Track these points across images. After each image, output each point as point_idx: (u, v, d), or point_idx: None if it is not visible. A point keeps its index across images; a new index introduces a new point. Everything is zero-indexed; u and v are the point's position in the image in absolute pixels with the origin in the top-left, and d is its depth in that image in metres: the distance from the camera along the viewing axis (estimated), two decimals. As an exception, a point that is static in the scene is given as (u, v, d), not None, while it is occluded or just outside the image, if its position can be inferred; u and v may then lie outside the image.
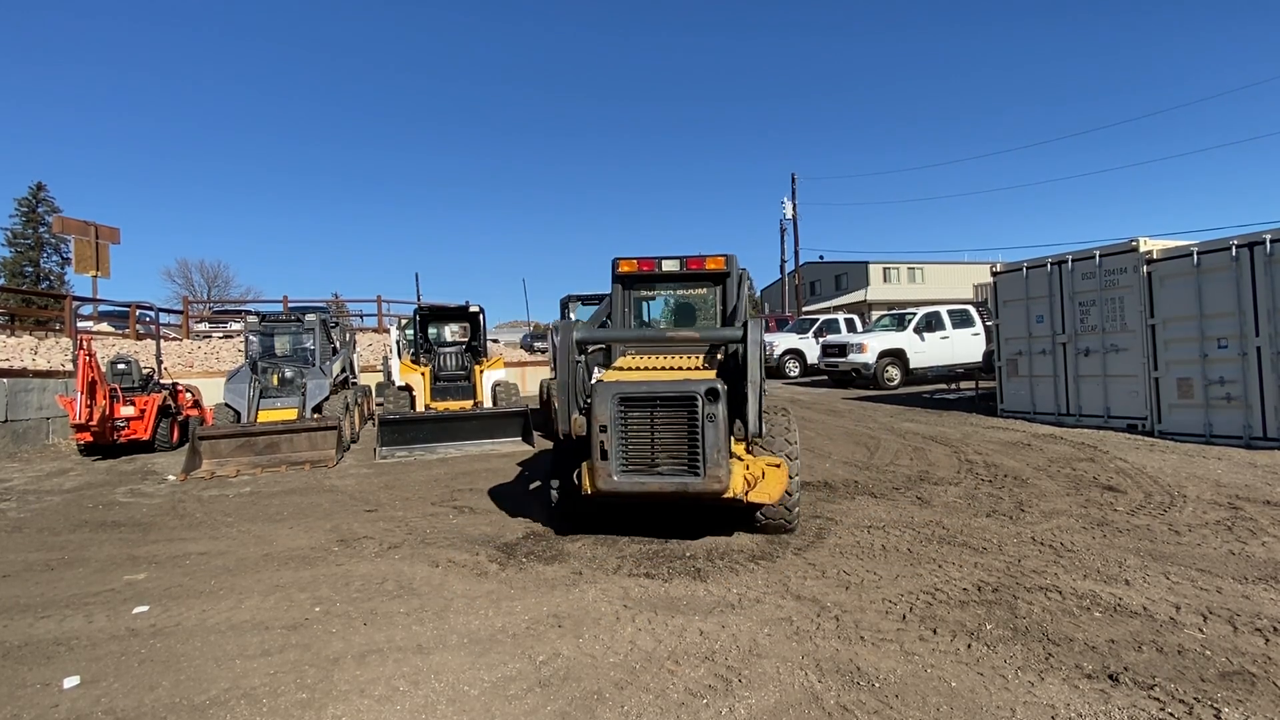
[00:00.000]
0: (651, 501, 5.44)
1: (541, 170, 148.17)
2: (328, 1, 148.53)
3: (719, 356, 6.01)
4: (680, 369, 5.63)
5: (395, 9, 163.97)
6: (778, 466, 5.12)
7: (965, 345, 16.91)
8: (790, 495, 5.31)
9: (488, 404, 12.41)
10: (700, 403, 4.83)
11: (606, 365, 6.29)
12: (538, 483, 7.89)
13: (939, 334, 17.16)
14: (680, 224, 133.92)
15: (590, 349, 6.35)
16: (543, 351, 25.09)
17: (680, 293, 6.87)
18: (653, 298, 7.00)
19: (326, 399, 11.46)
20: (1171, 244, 9.65)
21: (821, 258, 46.13)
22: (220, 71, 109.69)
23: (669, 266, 6.33)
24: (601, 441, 4.90)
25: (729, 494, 4.84)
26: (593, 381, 5.36)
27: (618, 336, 6.29)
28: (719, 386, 4.89)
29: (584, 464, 5.08)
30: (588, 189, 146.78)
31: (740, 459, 5.06)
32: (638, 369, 5.66)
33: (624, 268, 6.36)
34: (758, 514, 5.40)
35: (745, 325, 5.33)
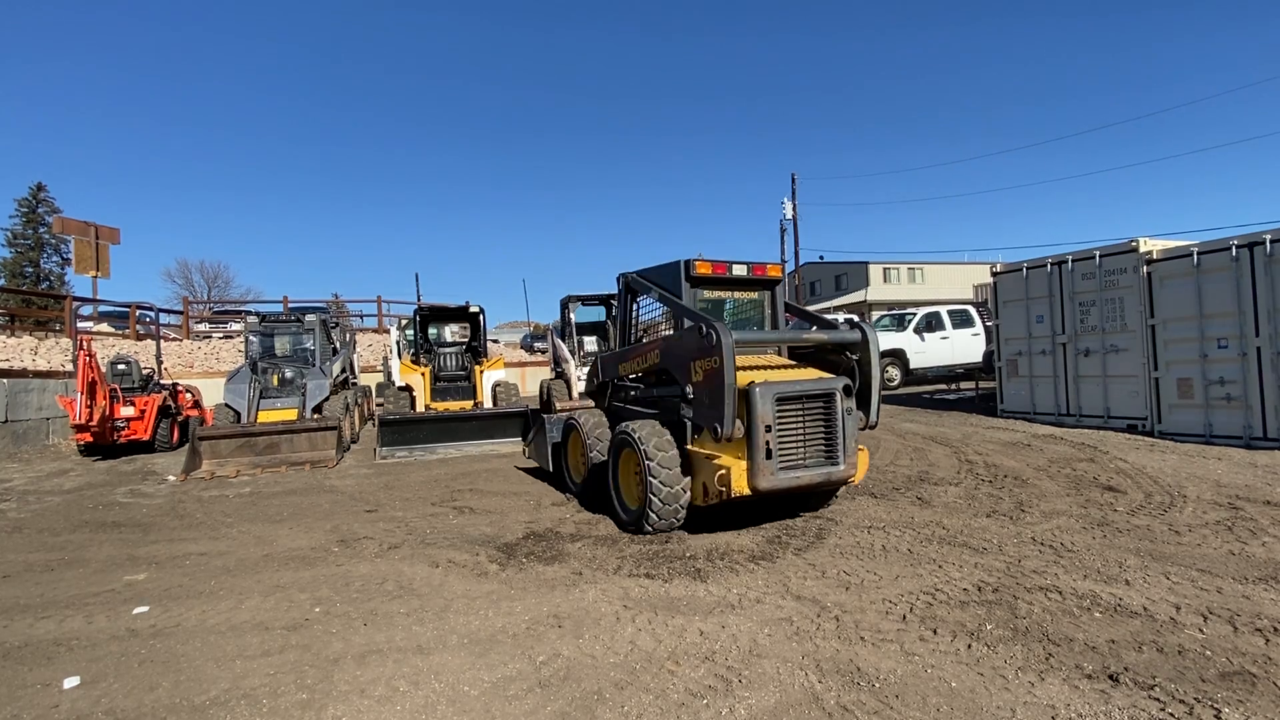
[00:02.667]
0: (793, 494, 5.57)
1: (541, 170, 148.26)
2: (328, 2, 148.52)
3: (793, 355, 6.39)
4: (782, 367, 5.88)
5: (395, 9, 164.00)
6: (862, 450, 5.67)
7: (965, 345, 16.89)
8: None
9: (488, 404, 12.43)
10: (839, 398, 5.27)
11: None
12: (539, 484, 7.90)
13: (939, 334, 17.14)
14: (680, 224, 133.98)
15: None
16: (543, 352, 25.07)
17: (716, 295, 6.76)
18: (719, 299, 6.84)
19: (326, 399, 11.47)
20: (1171, 244, 9.64)
21: (821, 258, 46.09)
22: (220, 72, 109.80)
23: (739, 271, 6.48)
24: (767, 441, 5.02)
25: (854, 478, 5.44)
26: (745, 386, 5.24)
27: (764, 338, 6.33)
28: (850, 383, 5.39)
29: (735, 464, 5.09)
30: (587, 189, 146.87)
31: None
32: (755, 368, 5.70)
33: (700, 270, 6.35)
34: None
35: (862, 328, 5.84)
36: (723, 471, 5.11)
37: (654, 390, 6.31)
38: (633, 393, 6.41)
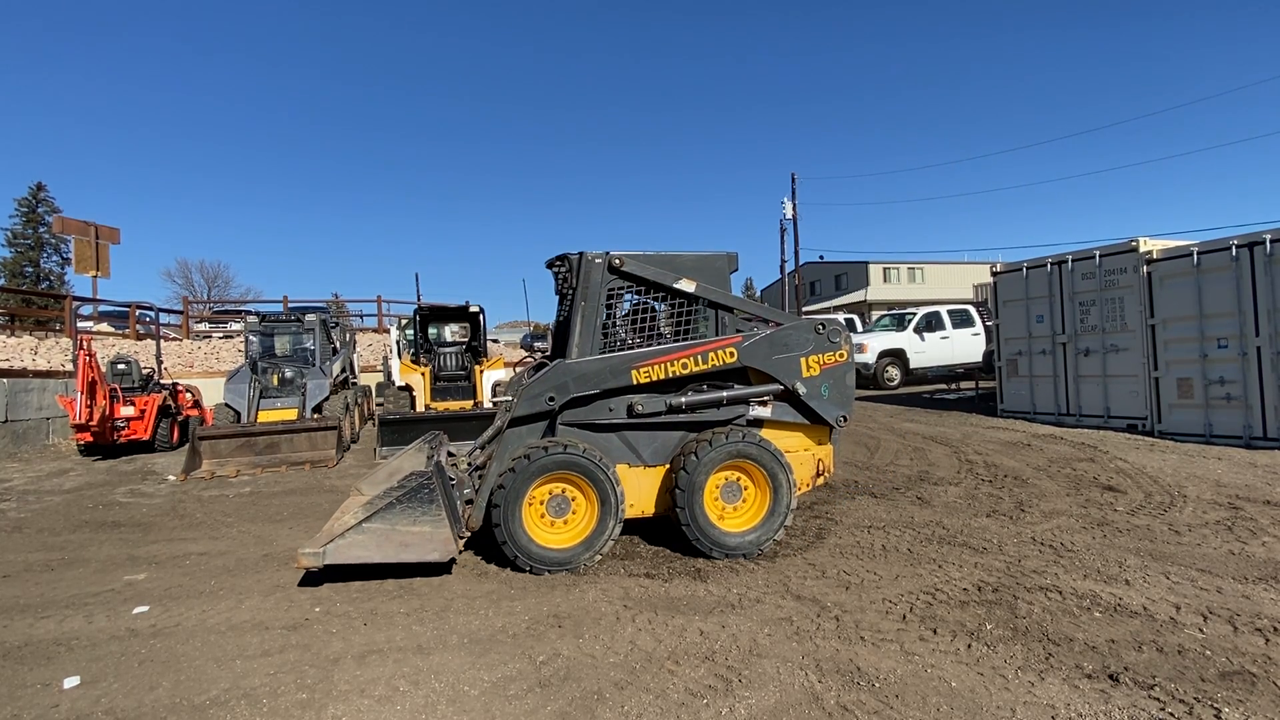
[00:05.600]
0: None
1: (541, 170, 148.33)
2: (326, 4, 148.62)
3: None
4: None
5: (394, 10, 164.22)
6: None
7: (965, 345, 16.91)
8: None
9: (488, 404, 12.41)
10: None
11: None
12: None
13: (939, 334, 17.15)
14: (681, 224, 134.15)
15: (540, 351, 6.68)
16: (542, 352, 25.06)
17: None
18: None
19: (326, 399, 11.46)
20: (1171, 244, 9.64)
21: (821, 258, 46.07)
22: (219, 72, 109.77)
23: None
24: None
25: None
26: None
27: None
28: None
29: (827, 451, 5.69)
30: (588, 189, 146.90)
31: None
32: None
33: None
34: None
35: None
36: (822, 458, 5.67)
37: (682, 397, 5.36)
38: (638, 405, 5.28)
